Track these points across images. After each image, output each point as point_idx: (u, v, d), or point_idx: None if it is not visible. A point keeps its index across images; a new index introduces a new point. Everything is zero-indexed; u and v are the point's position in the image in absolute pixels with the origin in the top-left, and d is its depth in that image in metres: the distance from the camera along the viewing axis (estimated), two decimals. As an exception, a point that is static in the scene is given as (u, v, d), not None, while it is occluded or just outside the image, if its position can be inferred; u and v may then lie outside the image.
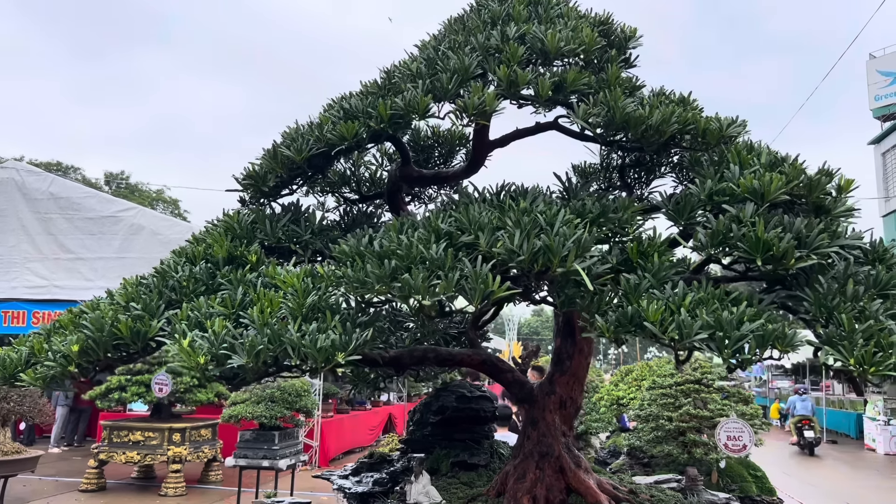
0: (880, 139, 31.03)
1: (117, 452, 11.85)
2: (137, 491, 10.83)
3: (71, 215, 15.13)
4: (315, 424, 15.21)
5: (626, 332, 2.13)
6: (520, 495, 2.94)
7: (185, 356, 2.21)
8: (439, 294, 2.08)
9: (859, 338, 2.02)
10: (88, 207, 15.22)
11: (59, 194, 16.34)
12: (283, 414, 11.08)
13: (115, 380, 12.25)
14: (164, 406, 12.95)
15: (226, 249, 2.81)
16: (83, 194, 16.58)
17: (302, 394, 11.41)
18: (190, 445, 12.10)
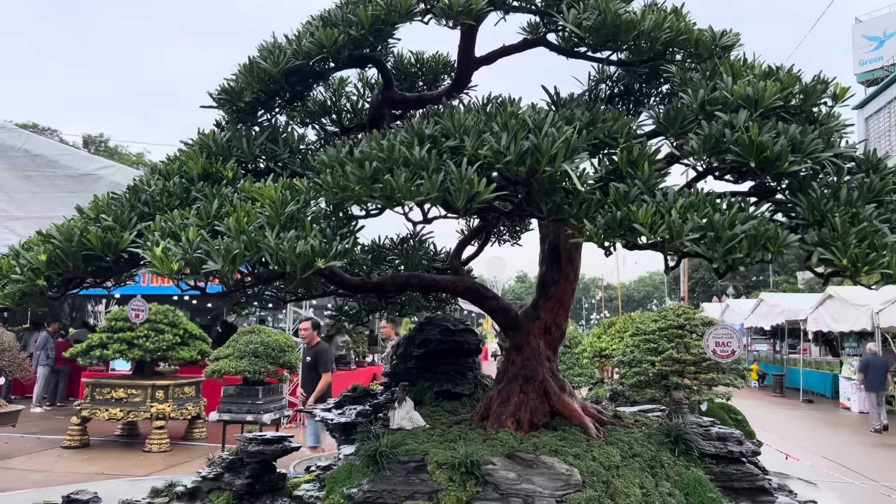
0: (864, 104, 31.13)
1: (100, 409, 11.79)
2: (121, 447, 10.80)
3: (49, 174, 14.82)
4: (299, 382, 15.21)
5: (614, 235, 2.07)
6: (503, 418, 2.91)
7: (158, 264, 2.13)
8: (423, 195, 2.00)
9: (853, 239, 1.98)
10: (66, 165, 14.90)
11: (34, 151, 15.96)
12: (267, 369, 11.05)
13: (97, 337, 12.15)
14: (147, 364, 12.86)
15: (200, 166, 2.71)
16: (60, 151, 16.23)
17: (286, 349, 11.37)
18: (173, 403, 12.06)
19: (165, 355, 13.16)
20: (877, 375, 17.18)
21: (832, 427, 18.80)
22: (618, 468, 2.51)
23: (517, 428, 2.87)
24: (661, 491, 2.50)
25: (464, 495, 2.31)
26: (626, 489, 2.40)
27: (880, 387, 17.07)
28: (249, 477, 3.73)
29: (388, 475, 2.46)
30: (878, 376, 17.14)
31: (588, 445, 2.63)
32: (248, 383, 11.38)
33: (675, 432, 2.79)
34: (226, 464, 3.79)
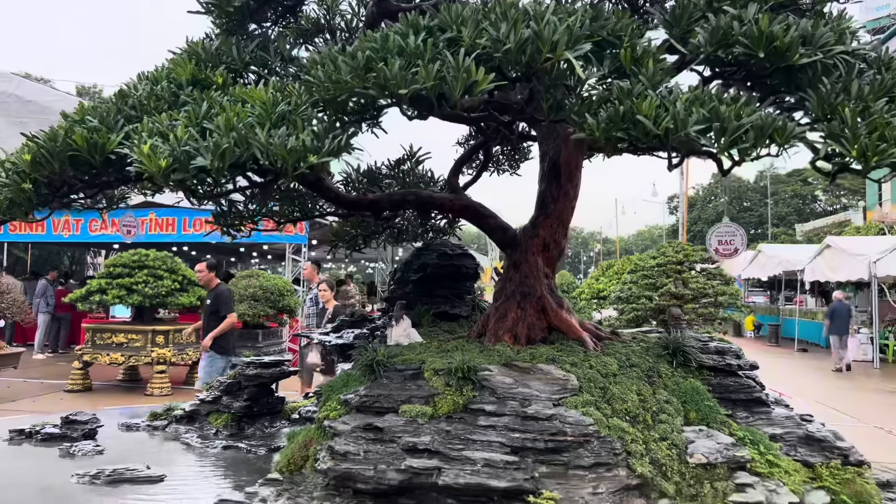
0: (870, 52, 30.53)
1: (101, 354, 11.85)
2: (123, 391, 10.90)
3: (42, 120, 14.57)
4: (299, 328, 15.29)
5: (617, 129, 2.00)
6: (500, 333, 2.89)
7: (146, 161, 2.06)
8: (418, 84, 1.92)
9: (863, 130, 1.91)
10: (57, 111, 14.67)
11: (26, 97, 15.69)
12: (267, 313, 11.08)
13: (95, 283, 12.14)
14: (147, 310, 12.89)
15: (189, 72, 2.62)
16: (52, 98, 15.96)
17: (284, 293, 11.40)
18: (174, 347, 12.13)
19: (165, 301, 13.19)
20: (841, 320, 18.87)
21: (824, 373, 18.99)
22: (615, 376, 2.50)
23: (514, 342, 2.85)
24: (659, 398, 2.49)
25: (461, 399, 2.30)
26: (622, 395, 2.39)
27: (843, 331, 18.72)
28: (248, 400, 3.74)
29: (385, 382, 2.44)
30: (842, 321, 18.85)
31: (585, 356, 2.62)
32: (248, 327, 11.44)
33: (673, 345, 2.77)
34: (224, 387, 3.80)
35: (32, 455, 3.35)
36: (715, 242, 3.86)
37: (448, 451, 2.10)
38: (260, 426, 3.71)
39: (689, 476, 2.22)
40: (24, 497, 2.67)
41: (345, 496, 2.20)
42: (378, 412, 2.33)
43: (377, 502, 2.17)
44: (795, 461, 2.48)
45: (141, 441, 3.62)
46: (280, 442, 3.46)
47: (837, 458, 2.51)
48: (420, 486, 2.12)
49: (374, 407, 2.35)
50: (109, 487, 2.77)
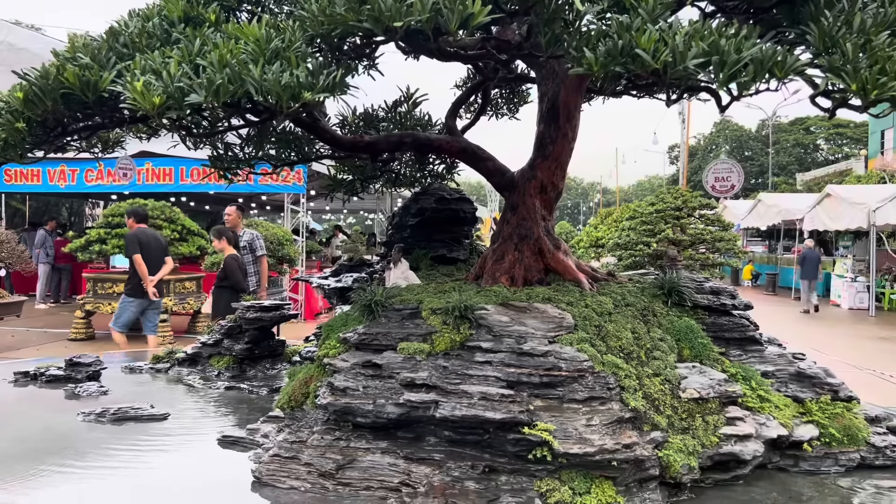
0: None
1: (103, 303, 11.96)
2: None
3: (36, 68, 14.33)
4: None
5: (616, 63, 1.97)
6: (497, 275, 2.90)
7: (139, 98, 2.04)
8: (414, 16, 1.89)
9: (863, 63, 1.89)
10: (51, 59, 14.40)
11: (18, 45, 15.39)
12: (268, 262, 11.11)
13: (95, 233, 12.16)
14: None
15: (181, 9, 2.56)
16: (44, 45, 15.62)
17: (284, 243, 11.42)
18: (175, 297, 12.21)
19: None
20: (811, 266, 20.70)
21: (820, 321, 19.22)
22: (610, 314, 2.53)
23: (511, 284, 2.87)
24: (653, 336, 2.53)
25: (458, 337, 2.33)
26: (617, 332, 2.42)
27: (813, 276, 20.54)
28: (249, 342, 3.79)
29: (383, 321, 2.47)
30: (812, 267, 20.69)
31: (581, 295, 2.64)
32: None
33: (668, 285, 2.80)
34: (225, 330, 3.85)
35: (38, 396, 3.42)
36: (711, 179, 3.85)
37: (445, 386, 2.14)
38: (261, 368, 3.77)
39: (681, 410, 2.27)
40: (31, 433, 2.74)
41: (345, 430, 2.25)
42: (377, 350, 2.37)
43: (376, 435, 2.22)
44: (786, 397, 2.53)
45: (144, 382, 3.69)
46: (281, 383, 3.52)
47: (827, 393, 2.56)
48: (418, 420, 2.17)
49: (372, 345, 2.38)
50: (114, 425, 2.83)
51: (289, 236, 11.85)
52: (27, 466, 2.34)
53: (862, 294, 21.98)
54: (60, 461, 2.40)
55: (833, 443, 2.40)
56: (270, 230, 11.30)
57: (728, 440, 2.21)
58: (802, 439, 2.36)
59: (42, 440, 2.66)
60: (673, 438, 2.16)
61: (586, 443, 1.98)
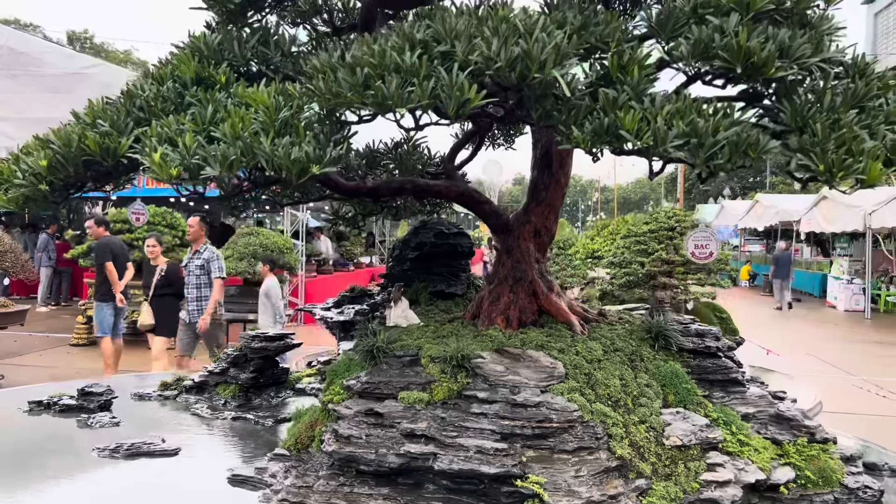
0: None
1: (104, 308, 12.09)
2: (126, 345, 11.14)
3: (34, 73, 14.42)
4: (299, 283, 15.56)
5: (601, 142, 2.12)
6: (494, 316, 3.05)
7: (157, 169, 2.18)
8: (414, 102, 2.03)
9: (831, 145, 2.03)
10: (52, 63, 14.49)
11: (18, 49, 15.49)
12: (267, 270, 11.25)
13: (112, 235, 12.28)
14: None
15: (193, 70, 2.70)
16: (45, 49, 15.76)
17: (284, 251, 11.56)
18: (176, 301, 12.33)
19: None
20: (783, 267, 22.24)
21: (816, 324, 19.41)
22: (599, 361, 2.68)
23: (507, 325, 3.01)
24: (640, 382, 2.68)
25: (455, 386, 2.48)
26: (606, 380, 2.57)
27: (785, 276, 22.15)
28: (254, 371, 3.94)
29: (385, 368, 2.62)
30: (784, 268, 22.25)
31: (572, 340, 2.79)
32: (248, 284, 11.65)
33: (655, 329, 2.94)
34: (231, 359, 3.99)
35: (53, 426, 3.57)
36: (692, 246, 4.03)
37: (443, 439, 2.29)
38: (266, 397, 3.92)
39: (664, 457, 2.42)
40: (52, 472, 2.89)
41: (348, 475, 2.40)
42: (378, 398, 2.52)
43: (378, 481, 2.37)
44: (766, 439, 2.68)
45: (154, 411, 3.84)
46: (285, 411, 3.67)
47: (804, 435, 2.71)
48: (417, 469, 2.32)
49: (374, 393, 2.53)
50: (128, 461, 2.98)
51: (288, 244, 12.01)
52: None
53: (858, 296, 22.18)
54: (81, 501, 2.55)
55: (808, 485, 2.56)
56: (270, 238, 11.44)
57: (709, 486, 2.36)
58: (780, 482, 2.51)
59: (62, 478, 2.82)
60: (657, 485, 2.31)
61: (574, 495, 2.13)
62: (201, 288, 8.46)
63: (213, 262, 8.44)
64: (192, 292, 8.47)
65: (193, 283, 8.45)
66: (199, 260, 8.46)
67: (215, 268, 8.44)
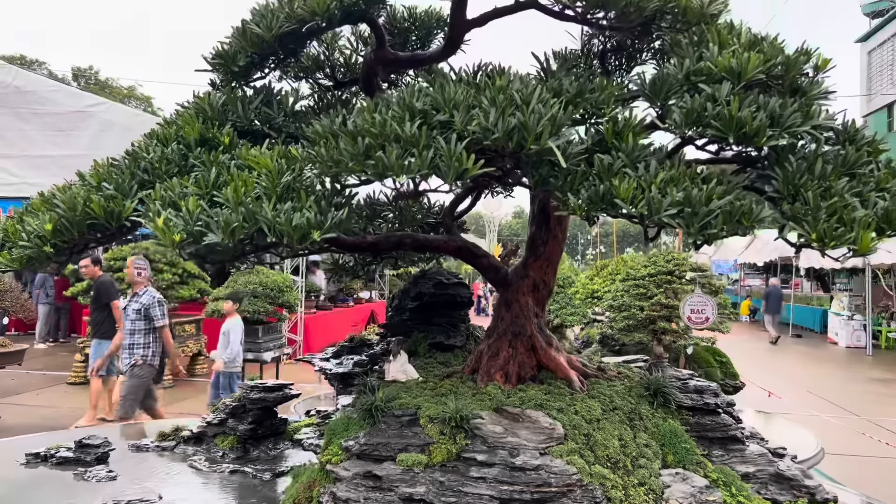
0: (867, 37, 30.55)
1: (103, 347, 12.05)
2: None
3: (40, 111, 14.58)
4: (298, 319, 15.53)
5: (597, 209, 2.16)
6: (493, 371, 3.06)
7: (160, 235, 2.22)
8: (413, 172, 2.08)
9: (823, 214, 2.07)
10: (56, 102, 14.67)
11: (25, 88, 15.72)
12: (266, 309, 11.27)
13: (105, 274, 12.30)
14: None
15: (197, 131, 2.76)
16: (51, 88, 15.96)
17: (284, 289, 11.57)
18: (175, 340, 12.31)
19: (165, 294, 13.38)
20: (775, 302, 23.51)
21: (818, 361, 19.32)
22: (598, 421, 2.68)
23: (506, 381, 3.02)
24: (639, 442, 2.68)
25: (454, 448, 2.48)
26: (605, 441, 2.57)
27: (776, 310, 23.33)
28: (252, 422, 3.93)
29: (383, 428, 2.62)
30: (775, 302, 23.50)
31: (571, 399, 2.80)
32: (248, 322, 11.62)
33: (654, 386, 2.95)
34: (229, 410, 3.98)
35: (50, 480, 3.55)
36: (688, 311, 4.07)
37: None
38: (264, 448, 3.90)
39: (663, 520, 2.41)
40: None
41: (347, 539, 2.39)
42: (377, 459, 2.52)
43: (376, 545, 2.36)
44: (766, 500, 2.67)
45: (151, 463, 3.81)
46: (284, 465, 3.65)
47: (805, 496, 2.70)
48: (416, 534, 2.31)
49: (373, 455, 2.53)
50: (126, 519, 2.96)
51: (288, 282, 12.02)
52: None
53: (859, 332, 22.11)
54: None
55: (809, 547, 2.54)
56: (270, 277, 11.46)
57: (708, 550, 2.35)
58: (779, 544, 2.49)
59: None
60: (656, 550, 2.30)
61: (573, 563, 2.12)
62: (135, 335, 7.73)
63: (153, 308, 7.74)
64: (126, 339, 7.74)
65: (128, 328, 7.74)
66: (137, 304, 7.77)
67: (157, 314, 7.74)
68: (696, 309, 4.12)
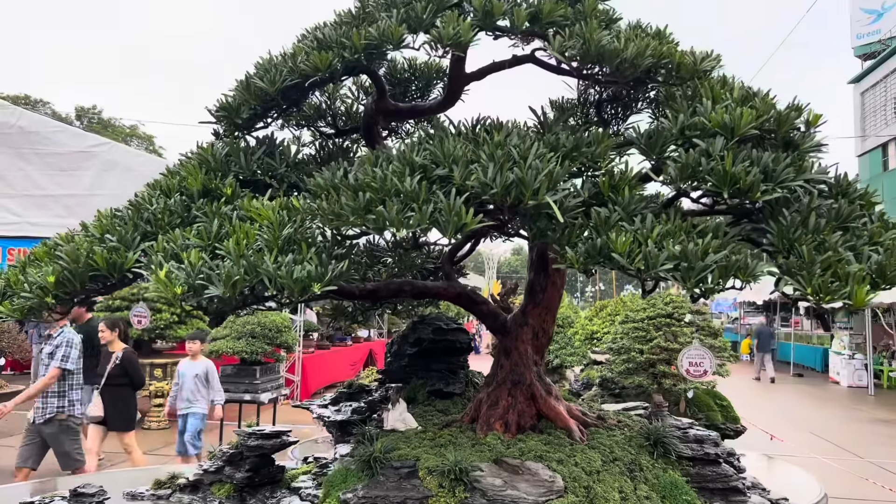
0: (860, 78, 31.04)
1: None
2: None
3: (41, 150, 14.72)
4: (296, 359, 15.44)
5: (594, 263, 2.18)
6: (492, 421, 3.05)
7: (162, 287, 2.24)
8: (413, 226, 2.11)
9: (818, 268, 2.10)
10: (59, 142, 14.81)
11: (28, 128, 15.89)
12: (264, 350, 11.23)
13: (94, 315, 12.26)
14: (144, 342, 13.03)
15: (200, 182, 2.80)
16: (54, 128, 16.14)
17: (282, 329, 11.54)
18: (171, 380, 12.23)
19: (163, 334, 13.36)
20: (765, 341, 23.45)
21: (820, 402, 19.15)
22: (598, 473, 2.66)
23: (505, 430, 3.01)
24: (639, 494, 2.66)
25: (453, 501, 2.46)
26: (605, 494, 2.55)
27: (766, 349, 23.25)
28: (249, 470, 3.88)
29: (382, 480, 2.60)
30: (766, 342, 23.46)
31: (571, 450, 2.78)
32: (246, 363, 11.57)
33: (654, 436, 2.94)
34: (226, 457, 3.94)
35: (43, 531, 3.50)
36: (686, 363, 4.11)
37: (440, 560, 2.26)
38: (261, 497, 3.85)
39: (665, 576, 2.38)
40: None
41: None
42: (376, 513, 2.49)
43: None
44: (767, 552, 2.64)
45: (147, 512, 3.76)
46: (281, 514, 3.60)
47: (807, 548, 2.67)
48: (414, 591, 2.28)
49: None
50: (120, 572, 2.91)
51: (286, 322, 11.99)
52: None
53: (860, 371, 21.98)
54: None
55: None
56: (268, 317, 11.44)
57: None
58: None
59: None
60: None
61: None
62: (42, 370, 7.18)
63: (60, 349, 7.13)
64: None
65: (41, 374, 7.16)
66: (50, 347, 7.20)
67: (59, 355, 7.06)
68: (695, 361, 4.14)
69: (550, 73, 2.96)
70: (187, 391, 8.59)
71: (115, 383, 7.92)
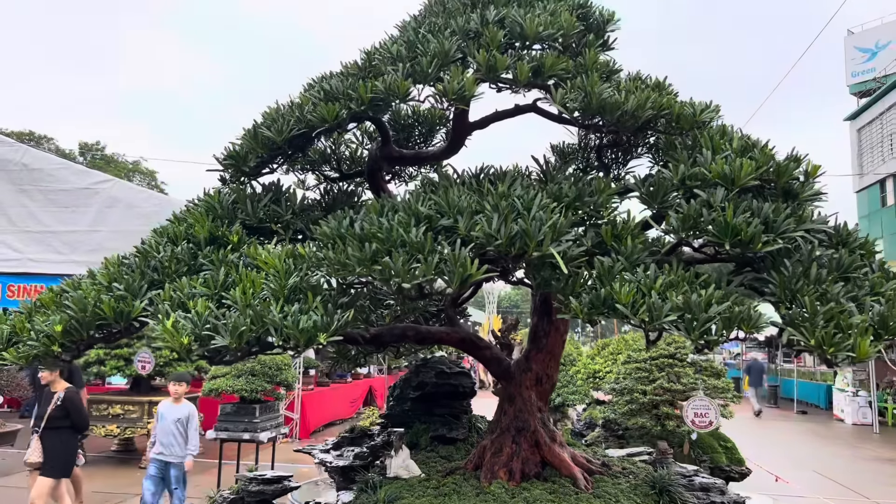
0: (856, 115, 31.40)
1: (97, 426, 11.85)
2: (117, 464, 10.89)
3: (44, 187, 14.81)
4: (296, 397, 15.31)
5: (598, 313, 2.20)
6: (496, 468, 3.03)
7: (168, 337, 2.25)
8: (419, 277, 2.13)
9: (820, 320, 2.11)
10: (62, 179, 14.90)
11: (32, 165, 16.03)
12: (264, 388, 11.15)
13: (94, 353, 12.21)
14: (144, 380, 12.94)
15: (207, 229, 2.83)
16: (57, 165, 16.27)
17: (282, 367, 11.46)
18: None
19: (162, 371, 13.26)
20: (757, 375, 23.86)
21: (824, 440, 18.93)
22: (604, 523, 2.64)
23: (509, 478, 2.99)
24: (645, 545, 2.63)
25: (457, 553, 2.44)
26: (611, 545, 2.53)
27: (758, 384, 23.63)
28: (250, 516, 3.83)
29: (386, 530, 2.58)
30: (758, 376, 23.89)
31: (577, 499, 2.76)
32: (246, 402, 11.47)
33: (659, 484, 2.92)
34: (228, 503, 3.90)
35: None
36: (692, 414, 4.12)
37: None
38: (262, 544, 3.80)
39: None
40: None
41: None
42: (379, 565, 2.47)
43: None
44: None
45: (146, 560, 3.71)
46: (282, 562, 3.56)
47: None
48: None
49: (375, 560, 2.48)
50: None
51: (287, 360, 11.92)
52: None
53: (864, 409, 21.77)
54: None
55: None
56: (269, 354, 11.38)
57: None
58: None
59: None
60: None
61: None
62: None
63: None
64: None
65: None
66: None
67: None
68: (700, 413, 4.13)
69: (552, 121, 3.02)
70: (166, 435, 7.83)
71: (55, 426, 7.28)
